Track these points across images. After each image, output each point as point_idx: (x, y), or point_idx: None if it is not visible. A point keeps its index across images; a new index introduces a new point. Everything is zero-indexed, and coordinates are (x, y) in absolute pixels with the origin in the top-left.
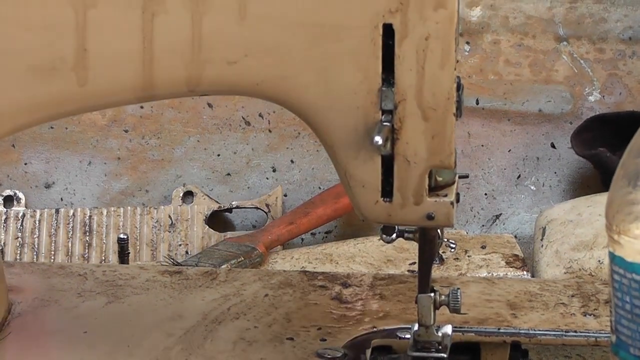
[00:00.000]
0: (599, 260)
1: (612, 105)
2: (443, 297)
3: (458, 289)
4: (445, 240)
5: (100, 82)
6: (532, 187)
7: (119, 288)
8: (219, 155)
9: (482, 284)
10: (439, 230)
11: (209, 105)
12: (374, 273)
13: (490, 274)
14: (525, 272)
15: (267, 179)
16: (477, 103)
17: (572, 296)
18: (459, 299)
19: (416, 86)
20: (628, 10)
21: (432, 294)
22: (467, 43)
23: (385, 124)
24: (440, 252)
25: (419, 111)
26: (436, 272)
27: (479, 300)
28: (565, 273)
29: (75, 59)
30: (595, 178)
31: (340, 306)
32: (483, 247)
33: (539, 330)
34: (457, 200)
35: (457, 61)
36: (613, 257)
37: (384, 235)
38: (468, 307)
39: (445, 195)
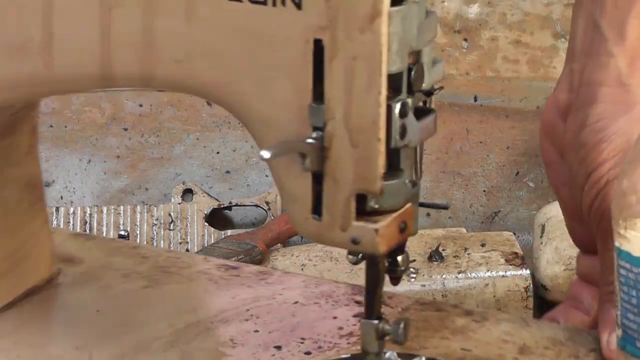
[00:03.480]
0: None
1: None
2: (387, 327)
3: (404, 321)
4: (411, 269)
5: (64, 67)
6: (530, 184)
7: (167, 275)
8: (218, 152)
9: (514, 324)
10: (406, 251)
11: (208, 103)
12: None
13: (490, 272)
14: (524, 270)
15: (267, 176)
16: (475, 100)
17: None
18: (401, 333)
19: (344, 106)
20: None
21: (377, 322)
22: (465, 40)
23: (313, 141)
24: (440, 249)
25: (346, 132)
26: (435, 269)
27: (498, 339)
28: (564, 270)
29: (43, 41)
30: None
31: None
32: (483, 245)
33: None
34: (403, 230)
35: (409, 87)
36: (620, 252)
37: (350, 256)
38: (478, 344)
39: (375, 222)
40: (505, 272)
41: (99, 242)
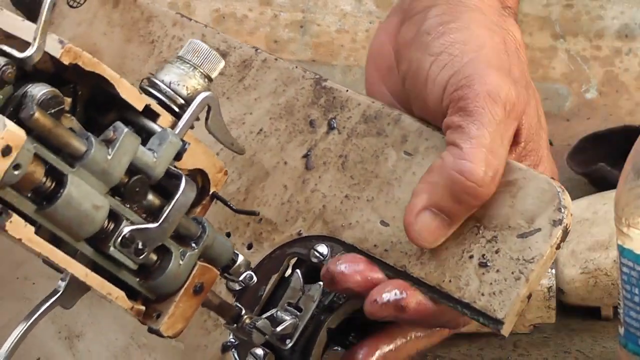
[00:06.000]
0: (615, 260)
1: (609, 102)
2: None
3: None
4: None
5: None
6: None
7: None
8: None
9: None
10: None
11: None
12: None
13: None
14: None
15: None
16: None
17: None
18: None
19: None
20: (624, 7)
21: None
22: None
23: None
24: None
25: None
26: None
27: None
28: (581, 273)
29: None
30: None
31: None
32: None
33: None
34: (200, 290)
35: None
36: (622, 250)
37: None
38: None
39: (159, 322)
40: None
41: None
